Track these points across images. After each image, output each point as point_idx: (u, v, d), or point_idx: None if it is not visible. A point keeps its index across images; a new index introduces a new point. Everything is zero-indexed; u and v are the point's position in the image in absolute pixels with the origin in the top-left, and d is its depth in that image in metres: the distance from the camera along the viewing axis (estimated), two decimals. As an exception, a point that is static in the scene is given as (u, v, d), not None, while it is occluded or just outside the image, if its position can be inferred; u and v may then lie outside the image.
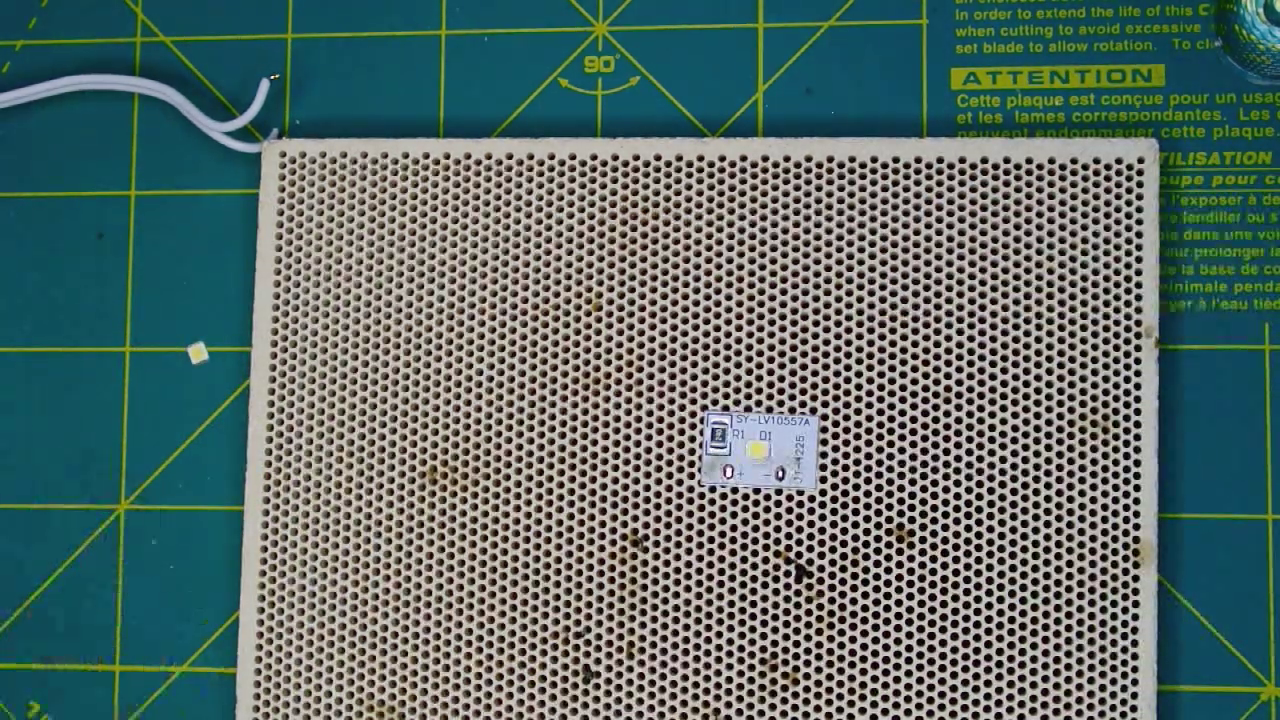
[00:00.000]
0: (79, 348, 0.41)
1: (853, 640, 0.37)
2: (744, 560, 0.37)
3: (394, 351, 0.39)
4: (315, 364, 0.39)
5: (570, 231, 0.39)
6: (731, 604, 0.37)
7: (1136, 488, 0.37)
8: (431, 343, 0.39)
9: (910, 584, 0.37)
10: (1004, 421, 0.37)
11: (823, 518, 0.37)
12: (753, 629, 0.37)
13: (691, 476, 0.38)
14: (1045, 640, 0.37)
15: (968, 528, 0.37)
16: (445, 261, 0.39)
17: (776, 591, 0.37)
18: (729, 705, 0.37)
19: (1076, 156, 0.38)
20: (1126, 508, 0.37)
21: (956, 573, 0.37)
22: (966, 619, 0.37)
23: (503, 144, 0.39)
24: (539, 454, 0.38)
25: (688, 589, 0.37)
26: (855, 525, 0.37)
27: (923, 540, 0.37)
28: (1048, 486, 0.37)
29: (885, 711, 0.37)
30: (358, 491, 0.39)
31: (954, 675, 0.37)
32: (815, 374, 0.38)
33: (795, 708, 0.37)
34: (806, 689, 0.37)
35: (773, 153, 0.38)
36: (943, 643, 0.37)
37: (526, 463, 0.38)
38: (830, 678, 0.37)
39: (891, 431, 0.37)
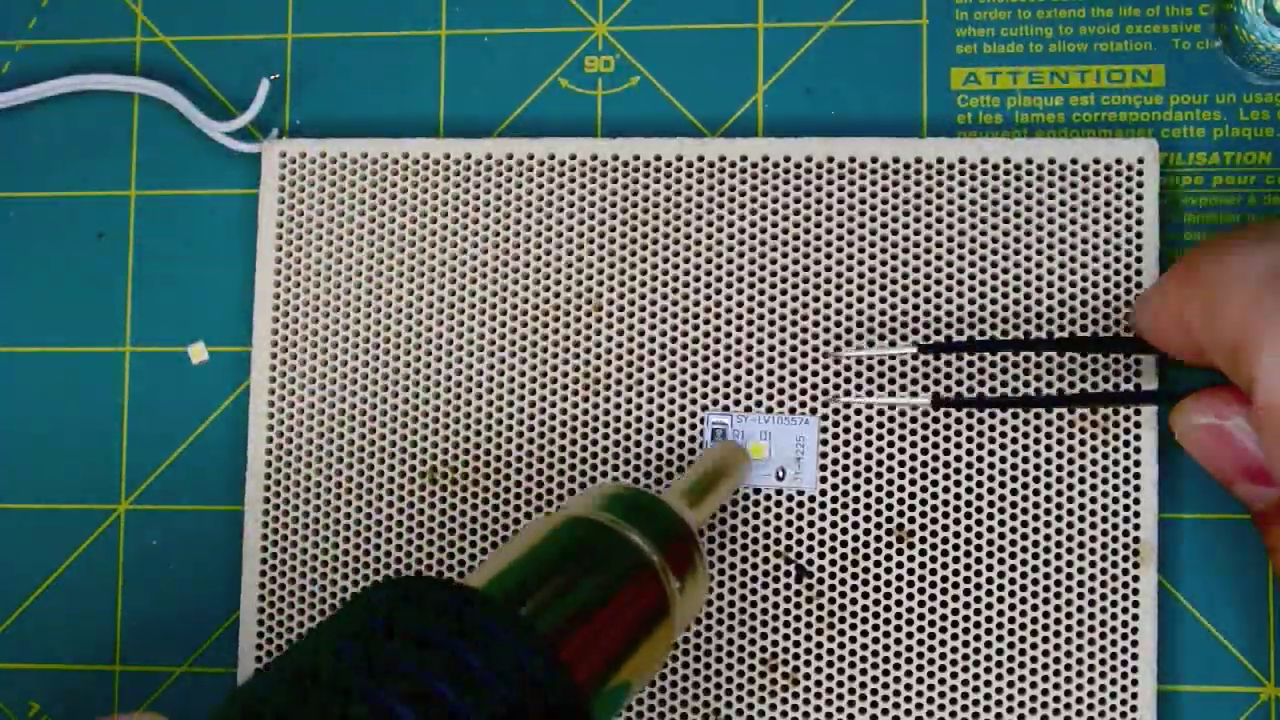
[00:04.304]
0: (79, 348, 0.40)
1: (853, 640, 0.37)
2: (744, 560, 0.37)
3: (394, 351, 0.39)
4: (315, 364, 0.39)
5: (570, 231, 0.38)
6: (731, 604, 0.37)
7: (1137, 488, 0.36)
8: (431, 343, 0.39)
9: (910, 584, 0.37)
10: (1004, 421, 0.37)
11: (823, 518, 0.37)
12: (753, 629, 0.37)
13: (692, 477, 0.37)
14: (1045, 640, 0.36)
15: (967, 528, 0.37)
16: (445, 261, 0.39)
17: (776, 591, 0.37)
18: (729, 705, 0.37)
19: (1076, 156, 0.37)
20: (1126, 508, 0.37)
21: (956, 572, 0.37)
22: (966, 619, 0.37)
23: (503, 144, 0.39)
24: (539, 454, 0.38)
25: (688, 589, 0.37)
26: (855, 525, 0.37)
27: (922, 540, 0.37)
28: (1047, 486, 0.37)
29: (885, 712, 0.37)
30: (358, 491, 0.38)
31: (954, 675, 0.37)
32: (815, 374, 0.38)
33: (795, 708, 0.37)
34: (806, 689, 0.37)
35: (773, 153, 0.38)
36: (942, 642, 0.37)
37: (526, 463, 0.38)
38: (830, 678, 0.37)
39: (891, 431, 0.37)
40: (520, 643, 0.25)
